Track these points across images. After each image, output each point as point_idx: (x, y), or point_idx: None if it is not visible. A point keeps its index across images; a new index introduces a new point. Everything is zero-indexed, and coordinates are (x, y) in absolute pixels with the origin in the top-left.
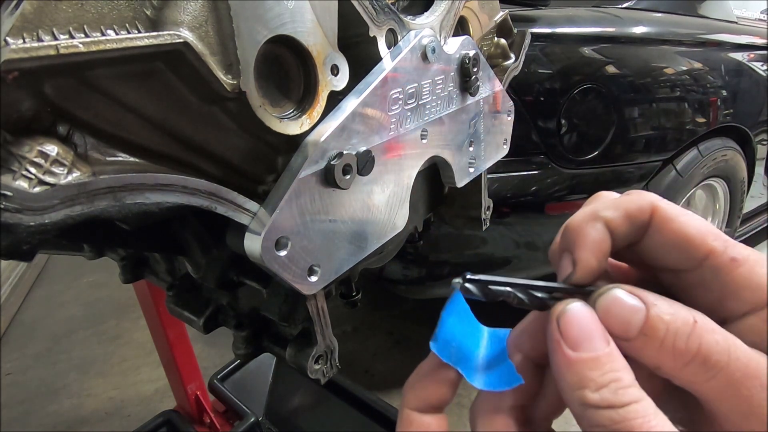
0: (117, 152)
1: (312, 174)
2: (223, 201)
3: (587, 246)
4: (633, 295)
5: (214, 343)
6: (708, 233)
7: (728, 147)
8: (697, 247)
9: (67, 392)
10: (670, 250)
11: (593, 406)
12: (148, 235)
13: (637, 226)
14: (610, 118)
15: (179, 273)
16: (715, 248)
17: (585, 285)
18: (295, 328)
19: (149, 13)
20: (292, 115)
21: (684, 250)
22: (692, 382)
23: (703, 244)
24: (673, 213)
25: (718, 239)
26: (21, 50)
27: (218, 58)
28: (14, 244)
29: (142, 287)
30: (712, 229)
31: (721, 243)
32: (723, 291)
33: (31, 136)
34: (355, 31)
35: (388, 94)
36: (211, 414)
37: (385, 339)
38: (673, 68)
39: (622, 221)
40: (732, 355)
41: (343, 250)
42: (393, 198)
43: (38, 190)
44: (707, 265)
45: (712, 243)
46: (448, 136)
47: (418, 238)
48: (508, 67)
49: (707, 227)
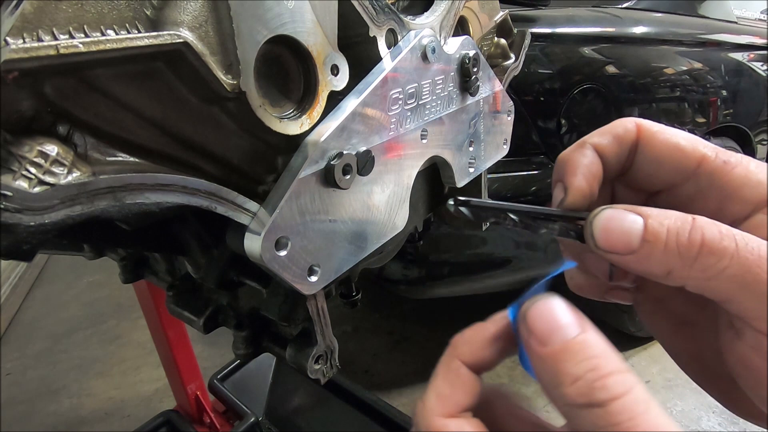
0: (117, 152)
1: (312, 174)
2: (223, 201)
3: (577, 171)
4: (627, 210)
5: (214, 343)
6: (697, 141)
7: (728, 147)
8: (689, 155)
9: (67, 392)
10: (662, 163)
11: (575, 405)
12: (148, 235)
13: (626, 146)
14: (610, 118)
15: (179, 273)
16: (706, 154)
17: (579, 210)
18: (295, 328)
19: (149, 13)
20: (292, 115)
21: (676, 161)
22: (707, 278)
23: (694, 150)
24: (659, 127)
25: (708, 146)
26: (21, 50)
27: (218, 58)
28: (14, 244)
29: (142, 287)
30: (699, 139)
31: (711, 149)
32: (722, 195)
33: (31, 136)
34: (355, 31)
35: (388, 94)
36: (211, 414)
37: (385, 339)
38: (673, 68)
39: (610, 144)
40: (740, 241)
41: (343, 250)
42: (393, 198)
43: (38, 190)
44: (702, 172)
45: (703, 149)
46: (448, 136)
47: (418, 238)
48: (508, 67)
49: (695, 137)
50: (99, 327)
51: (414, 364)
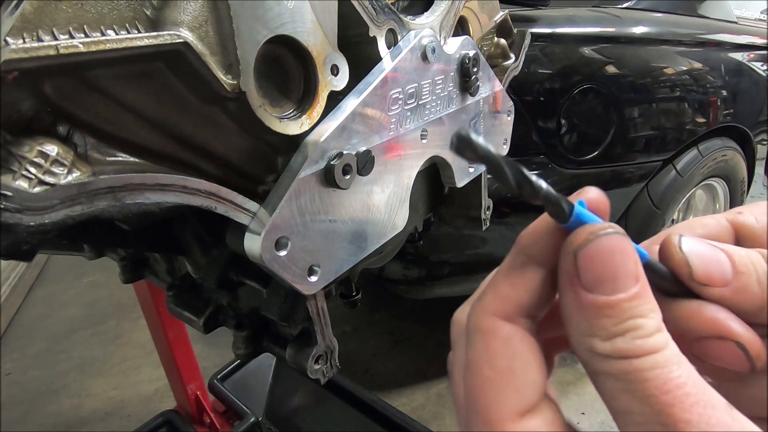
0: (117, 152)
1: (312, 174)
2: (223, 201)
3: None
4: (700, 240)
5: (214, 343)
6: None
7: (728, 147)
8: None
9: (67, 392)
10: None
11: (602, 354)
12: (148, 235)
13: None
14: (610, 118)
15: (179, 273)
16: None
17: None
18: (295, 328)
19: (149, 13)
20: (292, 115)
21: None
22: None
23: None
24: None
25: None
26: (21, 50)
27: (218, 58)
28: (14, 244)
29: (142, 287)
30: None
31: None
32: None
33: (31, 136)
34: (355, 31)
35: (388, 94)
36: (211, 414)
37: (385, 339)
38: (673, 68)
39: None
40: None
41: (343, 250)
42: (393, 198)
43: (38, 190)
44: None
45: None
46: (448, 136)
47: (418, 238)
48: (508, 67)
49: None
50: (99, 327)
51: (414, 364)
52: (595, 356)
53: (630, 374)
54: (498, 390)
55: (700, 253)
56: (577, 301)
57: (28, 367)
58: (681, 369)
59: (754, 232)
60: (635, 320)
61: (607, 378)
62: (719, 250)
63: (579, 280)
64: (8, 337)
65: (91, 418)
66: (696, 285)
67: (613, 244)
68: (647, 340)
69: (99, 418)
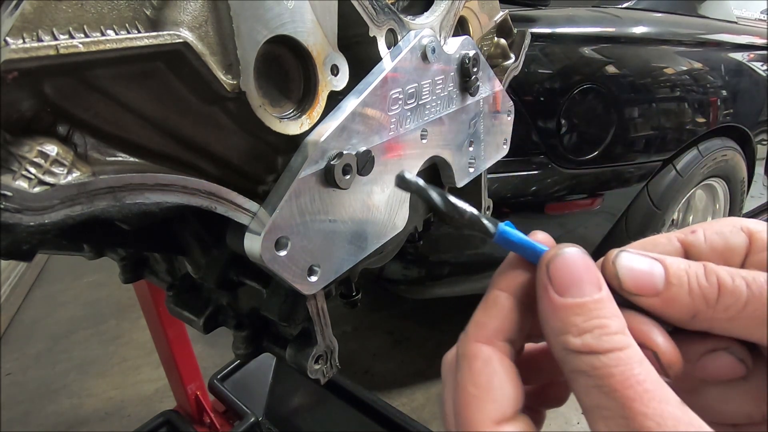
0: (117, 152)
1: (312, 174)
2: (223, 201)
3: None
4: (641, 253)
5: (214, 343)
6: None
7: (728, 147)
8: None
9: (67, 392)
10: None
11: (574, 351)
12: (148, 235)
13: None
14: (609, 118)
15: (179, 273)
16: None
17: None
18: (295, 328)
19: (149, 13)
20: (292, 115)
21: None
22: (729, 319)
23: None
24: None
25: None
26: (21, 50)
27: (218, 58)
28: (14, 244)
29: (142, 287)
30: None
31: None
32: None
33: (31, 136)
34: (355, 31)
35: (388, 94)
36: (211, 414)
37: (385, 339)
38: (673, 68)
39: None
40: (750, 275)
41: (343, 250)
42: (393, 198)
43: (38, 190)
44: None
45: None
46: (448, 136)
47: (418, 238)
48: (508, 67)
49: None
50: (99, 327)
51: (414, 364)
52: (569, 353)
53: (598, 369)
54: (479, 402)
55: (631, 266)
56: (551, 305)
57: (28, 367)
58: (642, 367)
59: (700, 252)
60: (601, 320)
61: (580, 375)
62: (657, 262)
63: (551, 287)
64: (8, 337)
65: (91, 418)
66: (628, 295)
67: (576, 257)
68: (612, 337)
69: (99, 418)
